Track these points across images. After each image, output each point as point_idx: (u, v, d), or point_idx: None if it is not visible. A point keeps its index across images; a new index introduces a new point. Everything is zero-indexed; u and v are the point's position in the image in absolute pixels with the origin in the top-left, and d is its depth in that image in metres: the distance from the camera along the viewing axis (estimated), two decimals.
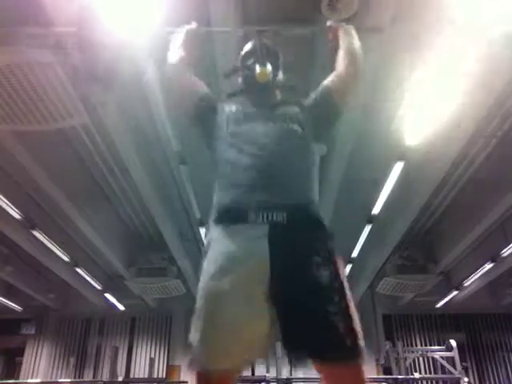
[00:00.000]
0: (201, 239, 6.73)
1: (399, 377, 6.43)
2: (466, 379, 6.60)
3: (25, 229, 5.76)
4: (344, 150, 4.49)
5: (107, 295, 8.63)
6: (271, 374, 6.65)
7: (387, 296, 8.50)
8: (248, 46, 1.83)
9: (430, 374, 8.56)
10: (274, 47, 1.81)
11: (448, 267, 7.94)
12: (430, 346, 8.87)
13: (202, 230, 6.25)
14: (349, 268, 7.59)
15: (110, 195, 6.23)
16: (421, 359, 8.88)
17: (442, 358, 7.09)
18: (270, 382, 6.12)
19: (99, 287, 8.34)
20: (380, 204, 5.63)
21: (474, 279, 7.76)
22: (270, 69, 1.68)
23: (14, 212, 5.28)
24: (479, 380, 9.18)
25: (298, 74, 1.94)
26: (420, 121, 3.88)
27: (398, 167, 4.78)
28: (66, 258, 6.87)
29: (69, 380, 8.95)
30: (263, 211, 1.34)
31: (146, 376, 8.84)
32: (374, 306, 9.20)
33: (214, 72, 3.47)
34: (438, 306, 9.08)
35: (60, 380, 9.13)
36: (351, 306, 1.27)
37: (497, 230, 6.57)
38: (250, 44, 1.83)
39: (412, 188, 5.29)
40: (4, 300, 8.48)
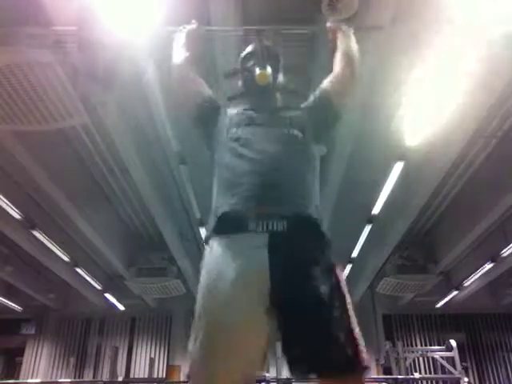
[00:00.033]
0: (201, 239, 6.72)
1: (399, 377, 6.43)
2: (466, 379, 6.59)
3: (25, 229, 5.75)
4: (344, 150, 4.49)
5: (107, 295, 8.62)
6: (271, 374, 6.66)
7: (387, 296, 8.49)
8: (248, 48, 1.82)
9: (430, 373, 8.56)
10: (274, 49, 1.80)
11: (448, 267, 7.93)
12: (430, 345, 8.86)
13: (202, 230, 6.25)
14: (349, 268, 7.59)
15: (110, 195, 6.23)
16: (421, 359, 8.88)
17: (442, 357, 7.09)
18: (270, 382, 6.11)
19: (99, 287, 8.33)
20: (380, 204, 5.62)
21: (474, 279, 7.75)
22: (269, 71, 1.67)
23: (13, 212, 5.28)
24: (479, 380, 9.18)
25: (298, 74, 1.94)
26: (420, 121, 3.89)
27: (397, 167, 4.78)
28: (66, 258, 6.86)
29: (69, 380, 8.95)
30: (263, 220, 1.31)
31: (146, 376, 8.84)
32: (374, 306, 9.20)
33: (213, 72, 3.47)
34: (438, 306, 9.08)
35: (60, 380, 9.13)
36: (352, 319, 1.24)
37: (497, 230, 6.57)
38: (250, 46, 1.82)
39: (412, 188, 5.29)
40: (4, 300, 8.47)
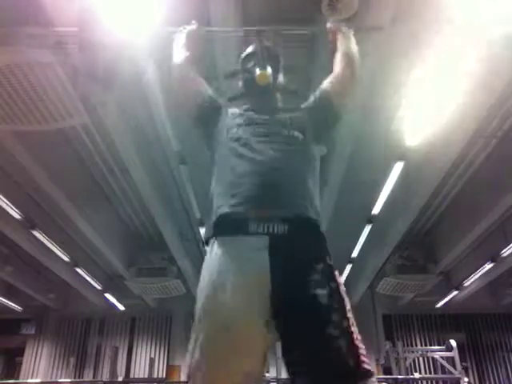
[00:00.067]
0: (201, 239, 6.73)
1: (399, 377, 6.44)
2: (466, 379, 6.60)
3: (25, 229, 5.76)
4: (344, 150, 4.49)
5: (107, 295, 8.62)
6: (271, 374, 6.66)
7: (387, 296, 8.49)
8: (248, 49, 1.82)
9: (430, 373, 8.56)
10: (274, 50, 1.80)
11: (448, 267, 7.93)
12: (430, 345, 8.86)
13: (202, 230, 6.25)
14: (349, 268, 7.60)
15: (110, 195, 6.23)
16: (421, 359, 8.88)
17: (442, 357, 7.09)
18: (270, 382, 6.12)
19: (99, 287, 8.34)
20: (380, 204, 5.62)
21: (474, 279, 7.76)
22: (270, 71, 1.67)
23: (14, 212, 5.28)
24: (479, 380, 9.18)
25: (298, 75, 1.94)
26: (420, 121, 3.89)
27: (397, 167, 4.78)
28: (66, 258, 6.87)
29: (69, 380, 8.95)
30: (263, 222, 1.30)
31: (146, 376, 8.84)
32: (374, 306, 9.20)
33: (213, 72, 3.47)
34: (438, 306, 9.08)
35: (60, 380, 9.13)
36: (351, 322, 1.23)
37: (497, 230, 6.57)
38: (250, 46, 1.82)
39: (412, 188, 5.29)
40: (4, 300, 8.47)
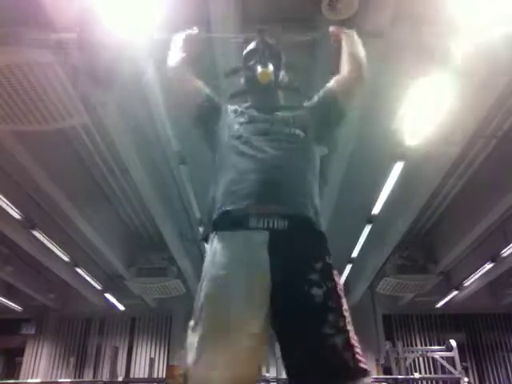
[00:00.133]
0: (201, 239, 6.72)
1: (399, 377, 6.44)
2: (466, 379, 6.60)
3: (25, 229, 5.75)
4: (344, 150, 4.48)
5: (107, 295, 8.62)
6: (271, 374, 6.67)
7: (387, 296, 8.49)
8: (250, 46, 1.81)
9: (430, 373, 8.56)
10: (276, 47, 1.79)
11: (448, 267, 7.93)
12: (430, 345, 8.86)
13: (202, 230, 6.24)
14: (349, 268, 7.60)
15: (110, 195, 6.23)
16: (421, 359, 8.87)
17: (442, 357, 7.09)
18: (270, 382, 6.12)
19: (99, 287, 8.33)
20: (380, 204, 5.62)
21: (474, 279, 7.75)
22: (271, 69, 1.66)
23: (14, 212, 5.28)
24: (479, 380, 9.18)
25: (299, 74, 1.94)
26: (420, 121, 3.89)
27: (397, 167, 4.78)
28: (66, 258, 6.86)
29: (69, 380, 8.95)
30: (264, 217, 1.32)
31: (146, 376, 8.84)
32: (374, 306, 9.20)
33: (213, 72, 3.47)
34: (438, 306, 9.08)
35: (60, 380, 9.12)
36: (348, 321, 1.24)
37: (497, 230, 6.57)
38: (252, 44, 1.81)
39: (412, 188, 5.29)
40: (4, 300, 8.47)
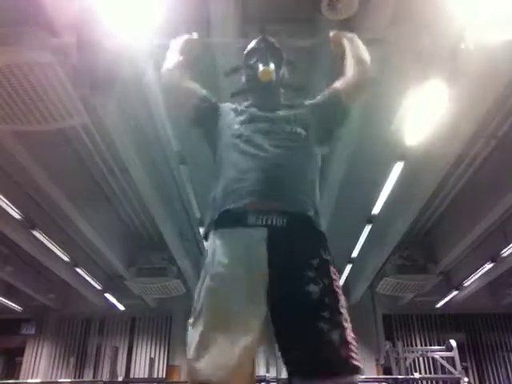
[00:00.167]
0: (201, 239, 6.73)
1: (399, 377, 6.43)
2: (466, 379, 6.59)
3: (25, 229, 5.75)
4: (344, 150, 4.48)
5: (107, 295, 8.62)
6: (271, 374, 6.67)
7: (387, 296, 8.49)
8: (251, 45, 1.81)
9: (430, 373, 8.55)
10: (277, 46, 1.79)
11: (448, 267, 7.93)
12: (430, 345, 8.85)
13: (202, 230, 6.24)
14: (349, 268, 7.60)
15: (110, 195, 6.23)
16: (421, 359, 8.86)
17: (442, 357, 7.08)
18: (270, 382, 6.12)
19: (99, 287, 8.33)
20: (380, 204, 5.62)
21: (474, 279, 7.75)
22: (272, 68, 1.66)
23: (14, 212, 5.28)
24: (479, 380, 9.18)
25: (299, 73, 1.94)
26: (420, 121, 3.88)
27: (398, 167, 4.78)
28: (66, 258, 6.86)
29: (69, 380, 8.94)
30: (263, 215, 1.33)
31: (146, 376, 8.83)
32: (374, 306, 9.20)
33: (213, 72, 3.47)
34: (438, 305, 9.07)
35: (60, 380, 9.12)
36: (344, 317, 1.25)
37: (497, 230, 6.57)
38: (253, 42, 1.81)
39: (412, 188, 5.29)
40: (4, 300, 8.47)
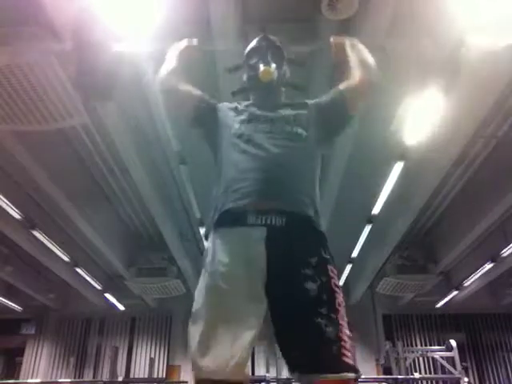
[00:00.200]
0: (201, 239, 6.73)
1: (399, 377, 6.43)
2: (466, 379, 6.59)
3: (25, 229, 5.75)
4: (344, 150, 4.49)
5: (107, 295, 8.62)
6: (271, 374, 6.67)
7: (387, 296, 8.49)
8: (252, 44, 1.80)
9: (430, 373, 8.54)
10: (279, 45, 1.78)
11: (448, 267, 7.93)
12: (430, 345, 8.85)
13: (202, 230, 6.25)
14: (349, 268, 7.60)
15: (110, 195, 6.23)
16: (421, 359, 8.86)
17: (442, 357, 7.08)
18: (269, 382, 6.12)
19: (99, 287, 8.33)
20: (380, 204, 5.62)
21: (474, 279, 7.75)
22: (274, 67, 1.66)
23: (14, 212, 5.27)
24: (479, 380, 9.18)
25: (300, 74, 1.95)
26: (420, 121, 3.88)
27: (397, 167, 4.78)
28: (66, 258, 6.86)
29: (69, 380, 8.94)
30: (263, 214, 1.34)
31: (146, 376, 8.83)
32: (374, 306, 9.20)
33: (213, 72, 3.48)
34: (438, 305, 9.07)
35: (60, 380, 9.11)
36: (340, 316, 1.25)
37: (497, 230, 6.57)
38: (254, 41, 1.80)
39: (412, 188, 5.29)
40: (4, 300, 8.46)
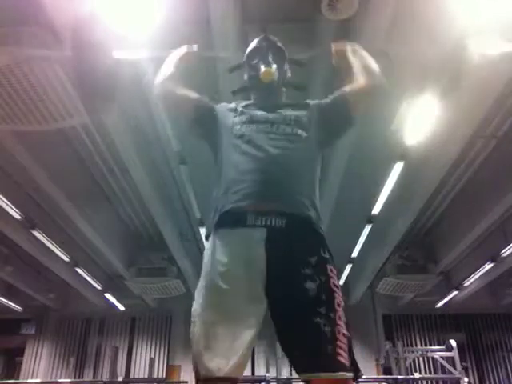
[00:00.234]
0: (201, 239, 6.73)
1: (399, 377, 6.44)
2: (466, 379, 6.59)
3: (25, 229, 5.75)
4: (344, 150, 4.49)
5: (107, 295, 8.62)
6: (271, 374, 6.67)
7: (387, 296, 8.49)
8: (253, 45, 1.79)
9: (430, 373, 8.55)
10: (279, 45, 1.77)
11: (448, 267, 7.93)
12: (430, 345, 8.85)
13: (202, 230, 6.25)
14: (349, 268, 7.60)
15: (110, 195, 6.23)
16: (421, 359, 8.86)
17: (442, 357, 7.08)
18: (269, 382, 6.12)
19: (99, 287, 8.33)
20: (380, 204, 5.62)
21: (474, 279, 7.75)
22: (274, 68, 1.65)
23: (14, 212, 5.27)
24: (479, 380, 9.18)
25: (300, 74, 1.95)
26: (420, 121, 3.89)
27: (397, 167, 4.78)
28: (66, 258, 6.86)
29: (69, 380, 8.94)
30: (262, 215, 1.34)
31: (146, 376, 8.83)
32: (374, 306, 9.20)
33: (213, 72, 3.48)
34: (438, 305, 9.07)
35: (60, 380, 9.11)
36: (338, 316, 1.25)
37: (497, 230, 6.57)
38: (254, 41, 1.79)
39: (412, 188, 5.29)
40: (4, 300, 8.46)
